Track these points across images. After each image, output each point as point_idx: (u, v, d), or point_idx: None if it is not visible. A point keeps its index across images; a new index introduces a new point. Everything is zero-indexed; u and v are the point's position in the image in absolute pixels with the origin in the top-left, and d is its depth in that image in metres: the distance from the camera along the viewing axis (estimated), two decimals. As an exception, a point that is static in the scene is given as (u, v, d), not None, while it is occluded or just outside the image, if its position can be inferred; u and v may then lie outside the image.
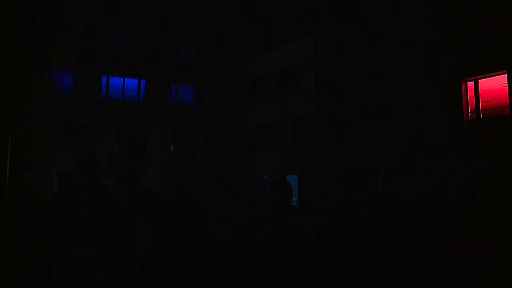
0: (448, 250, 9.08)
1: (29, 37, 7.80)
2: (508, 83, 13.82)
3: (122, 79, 26.56)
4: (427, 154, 15.53)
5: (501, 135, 13.62)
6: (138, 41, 27.37)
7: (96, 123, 25.15)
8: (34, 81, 7.22)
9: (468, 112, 15.08)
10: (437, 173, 15.10)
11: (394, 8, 17.54)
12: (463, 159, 14.42)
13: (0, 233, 6.66)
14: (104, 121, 25.29)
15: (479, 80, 14.86)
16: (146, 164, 23.91)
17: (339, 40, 20.11)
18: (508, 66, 13.79)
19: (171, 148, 27.77)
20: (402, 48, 16.98)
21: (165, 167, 26.06)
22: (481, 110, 14.92)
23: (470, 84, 15.05)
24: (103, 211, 14.50)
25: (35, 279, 6.90)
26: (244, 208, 14.00)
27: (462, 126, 14.94)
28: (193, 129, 27.93)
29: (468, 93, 15.14)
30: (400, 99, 16.87)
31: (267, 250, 8.70)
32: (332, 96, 20.24)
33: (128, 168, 23.62)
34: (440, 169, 15.03)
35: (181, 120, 27.50)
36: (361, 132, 18.23)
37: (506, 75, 13.97)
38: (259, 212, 12.29)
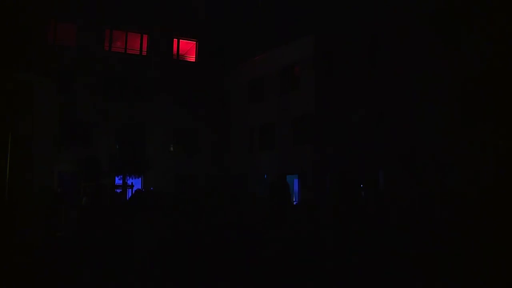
0: (449, 250, 9.08)
1: (28, 37, 7.82)
2: None
3: (122, 78, 26.53)
4: (427, 154, 15.52)
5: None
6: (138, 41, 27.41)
7: (97, 123, 25.15)
8: (34, 82, 7.23)
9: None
10: (437, 173, 15.09)
11: (394, 9, 17.54)
12: (462, 158, 14.42)
13: (1, 233, 6.68)
14: (105, 121, 25.29)
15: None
16: (146, 164, 23.89)
17: (339, 40, 20.12)
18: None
19: (171, 148, 27.78)
20: (402, 49, 16.97)
21: (165, 167, 26.06)
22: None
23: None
24: (103, 211, 14.51)
25: (33, 279, 6.92)
26: (243, 208, 14.03)
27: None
28: (193, 129, 27.93)
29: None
30: (400, 99, 16.88)
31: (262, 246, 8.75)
32: (332, 96, 20.25)
33: (128, 168, 23.60)
34: (440, 169, 15.03)
35: (181, 120, 27.50)
36: (361, 132, 18.24)
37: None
38: (258, 211, 12.31)
